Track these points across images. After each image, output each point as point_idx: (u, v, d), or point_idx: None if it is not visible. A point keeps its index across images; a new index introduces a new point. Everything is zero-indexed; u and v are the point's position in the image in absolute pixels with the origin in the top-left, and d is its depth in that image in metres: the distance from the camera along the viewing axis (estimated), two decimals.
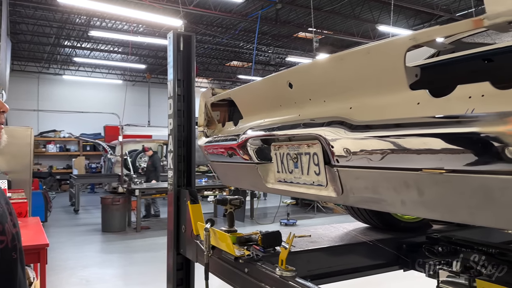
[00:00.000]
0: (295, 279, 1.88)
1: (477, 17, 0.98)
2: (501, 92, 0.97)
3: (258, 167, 1.93)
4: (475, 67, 1.23)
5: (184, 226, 3.00)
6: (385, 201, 1.28)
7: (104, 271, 6.65)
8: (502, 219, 1.00)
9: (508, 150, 0.90)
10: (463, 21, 1.01)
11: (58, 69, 19.61)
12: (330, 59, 1.47)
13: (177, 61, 3.14)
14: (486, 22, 0.96)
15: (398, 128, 1.15)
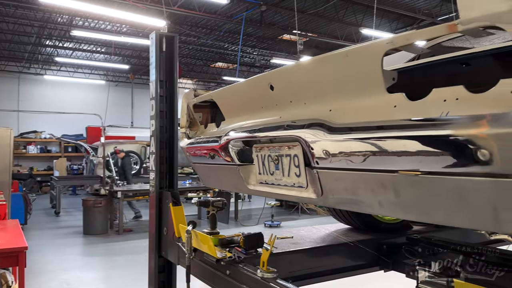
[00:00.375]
0: (276, 281, 1.89)
1: (452, 22, 1.00)
2: (475, 95, 0.99)
3: (240, 168, 1.93)
4: (451, 71, 1.25)
5: (166, 228, 2.98)
6: (363, 202, 1.30)
7: (85, 274, 6.55)
8: (475, 220, 1.02)
9: (481, 153, 0.92)
10: (438, 26, 1.03)
11: (40, 69, 19.27)
12: (310, 62, 1.48)
13: (159, 62, 3.12)
14: (460, 27, 0.98)
15: (375, 131, 1.17)
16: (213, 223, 2.61)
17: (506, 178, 0.91)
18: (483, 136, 0.90)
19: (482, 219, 1.00)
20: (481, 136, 0.90)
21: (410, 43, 1.10)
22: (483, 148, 0.91)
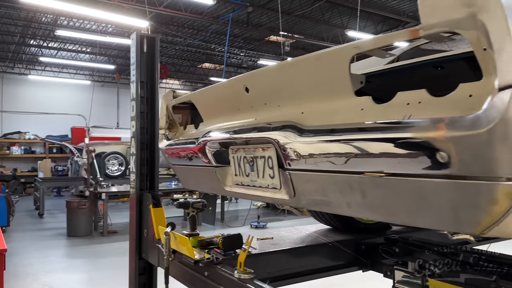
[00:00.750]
0: (253, 281, 1.90)
1: (413, 27, 1.02)
2: (436, 99, 1.02)
3: (217, 170, 1.94)
4: (414, 75, 1.28)
5: (147, 230, 2.97)
6: (333, 203, 1.32)
7: (68, 276, 6.48)
8: (437, 221, 1.04)
9: (439, 155, 0.94)
10: (401, 31, 1.06)
11: (24, 68, 18.99)
12: (283, 65, 1.50)
13: (140, 63, 3.11)
14: (422, 33, 1.01)
15: (342, 133, 1.19)
16: (193, 225, 2.61)
17: (464, 179, 0.94)
18: (441, 139, 0.92)
19: (443, 220, 1.02)
20: (439, 139, 0.92)
21: (375, 47, 1.12)
22: (442, 151, 0.93)
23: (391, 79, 1.38)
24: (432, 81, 1.19)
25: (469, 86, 0.96)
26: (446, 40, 1.02)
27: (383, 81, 1.58)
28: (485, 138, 0.86)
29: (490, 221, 0.94)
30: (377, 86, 1.60)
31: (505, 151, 0.86)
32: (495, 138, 0.85)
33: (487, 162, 0.88)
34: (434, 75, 1.19)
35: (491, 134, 0.84)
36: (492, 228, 0.95)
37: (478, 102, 0.89)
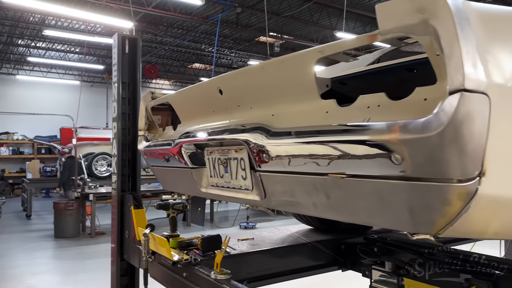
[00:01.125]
0: (229, 282, 1.91)
1: (372, 32, 1.05)
2: (394, 102, 1.05)
3: (193, 171, 1.95)
4: (376, 79, 1.31)
5: (128, 232, 2.97)
6: (300, 204, 1.34)
7: (54, 278, 6.44)
8: (395, 221, 1.07)
9: (394, 157, 0.96)
10: (361, 36, 1.08)
11: (12, 68, 18.79)
12: (253, 68, 1.52)
13: (122, 64, 3.11)
14: (379, 37, 1.03)
15: (307, 135, 1.21)
16: (173, 226, 2.62)
17: (418, 181, 0.96)
18: (395, 142, 0.94)
19: (401, 220, 1.05)
20: (393, 142, 0.95)
21: (338, 52, 1.15)
22: (396, 153, 0.95)
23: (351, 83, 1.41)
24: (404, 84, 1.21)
25: (424, 90, 0.99)
26: (403, 45, 1.04)
27: (358, 83, 1.60)
28: (435, 141, 0.88)
29: (444, 221, 0.97)
30: (352, 89, 1.63)
31: (455, 154, 0.88)
32: (444, 141, 0.87)
33: (438, 164, 0.91)
34: (407, 78, 1.21)
35: (440, 137, 0.87)
36: (447, 228, 0.98)
37: (432, 106, 0.92)
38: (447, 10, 0.87)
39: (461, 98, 0.84)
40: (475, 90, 0.85)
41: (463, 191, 0.91)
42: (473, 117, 0.86)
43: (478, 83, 0.85)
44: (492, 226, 1.02)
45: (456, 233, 1.02)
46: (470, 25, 0.88)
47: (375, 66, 1.27)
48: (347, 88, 1.68)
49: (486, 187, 0.91)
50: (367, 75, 1.40)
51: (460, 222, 0.96)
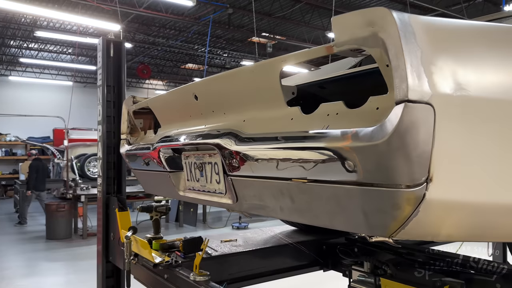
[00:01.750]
0: (208, 283, 1.95)
1: (329, 44, 1.09)
2: (351, 111, 1.09)
3: (171, 175, 1.99)
4: (337, 88, 1.35)
5: (113, 234, 3.00)
6: (269, 207, 1.38)
7: (45, 279, 6.44)
8: (352, 224, 1.11)
9: (347, 164, 1.01)
10: (319, 47, 1.13)
11: (4, 69, 18.71)
12: (226, 75, 1.56)
13: (106, 67, 3.14)
14: (335, 49, 1.07)
15: (272, 142, 1.25)
16: (156, 228, 2.65)
17: (370, 186, 1.00)
18: (347, 149, 0.99)
19: (357, 224, 1.09)
20: (346, 149, 0.99)
21: (299, 61, 1.19)
22: (349, 160, 1.00)
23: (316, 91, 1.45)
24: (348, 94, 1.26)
25: (377, 99, 1.03)
26: (359, 56, 1.08)
27: (335, 88, 1.64)
28: (383, 149, 0.92)
29: (396, 225, 1.01)
30: (329, 93, 1.67)
31: (402, 161, 0.92)
32: (391, 149, 0.92)
33: (387, 170, 0.95)
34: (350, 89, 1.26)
35: (387, 145, 0.91)
36: (399, 231, 1.02)
37: (383, 115, 0.96)
38: (393, 24, 0.91)
39: (405, 108, 0.89)
40: (419, 101, 0.89)
41: (411, 196, 0.95)
42: (418, 126, 0.90)
43: (422, 94, 0.90)
44: (444, 229, 1.06)
45: (410, 236, 1.06)
46: (416, 38, 0.93)
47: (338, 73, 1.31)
48: (326, 92, 1.73)
49: (433, 192, 0.96)
50: (330, 82, 1.44)
51: (411, 226, 1.00)
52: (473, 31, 1.06)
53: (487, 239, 1.23)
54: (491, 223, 1.11)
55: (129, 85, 21.32)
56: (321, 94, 1.69)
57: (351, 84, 1.39)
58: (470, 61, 0.99)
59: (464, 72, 0.97)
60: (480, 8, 11.54)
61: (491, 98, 0.99)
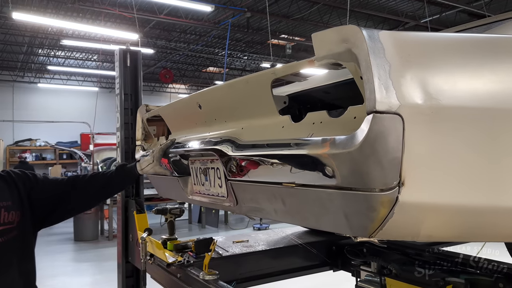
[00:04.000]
0: (217, 282, 2.05)
1: (310, 58, 1.17)
2: (333, 119, 1.17)
3: (179, 179, 2.10)
4: (322, 97, 1.43)
5: (132, 235, 3.14)
6: (265, 210, 1.47)
7: (73, 279, 6.71)
8: (336, 226, 1.19)
9: (327, 169, 1.09)
10: (303, 61, 1.21)
11: (33, 77, 19.43)
12: (225, 85, 1.66)
13: (124, 76, 3.29)
14: (316, 63, 1.16)
15: (265, 148, 1.34)
16: (171, 229, 2.77)
17: (348, 190, 1.08)
18: (326, 156, 1.07)
19: (340, 225, 1.17)
20: (324, 156, 1.07)
21: (287, 74, 1.28)
22: (328, 166, 1.08)
23: (304, 100, 1.53)
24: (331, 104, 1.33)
25: (355, 109, 1.11)
26: (340, 68, 1.16)
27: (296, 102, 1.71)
28: (355, 156, 1.00)
29: (374, 226, 1.08)
30: (332, 98, 1.75)
31: (373, 167, 1.00)
32: (362, 156, 0.99)
33: (361, 175, 1.03)
34: (333, 98, 1.33)
35: (359, 153, 0.99)
36: (378, 232, 1.09)
37: (359, 124, 1.04)
38: (363, 41, 0.99)
39: (373, 119, 0.96)
40: (386, 111, 0.97)
41: (385, 199, 1.02)
42: (386, 134, 0.97)
43: (389, 105, 0.97)
44: (423, 229, 1.13)
45: (390, 236, 1.14)
46: (385, 53, 1.00)
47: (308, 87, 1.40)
48: (330, 97, 1.81)
49: (406, 195, 1.03)
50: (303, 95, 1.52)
51: (389, 227, 1.08)
52: (444, 42, 1.12)
53: (470, 239, 1.28)
54: (470, 224, 1.17)
55: (153, 90, 21.77)
56: (324, 99, 1.77)
57: (340, 92, 1.46)
58: (440, 72, 1.06)
59: (434, 83, 1.04)
60: (503, 3, 11.26)
61: (461, 105, 1.06)
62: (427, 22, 11.87)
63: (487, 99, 1.09)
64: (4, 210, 1.74)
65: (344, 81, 1.30)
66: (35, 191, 1.90)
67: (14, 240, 1.77)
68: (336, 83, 1.39)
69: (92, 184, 2.02)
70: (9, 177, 1.88)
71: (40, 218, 1.96)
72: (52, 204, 1.96)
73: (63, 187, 1.99)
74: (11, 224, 1.76)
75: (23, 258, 1.83)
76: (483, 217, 1.11)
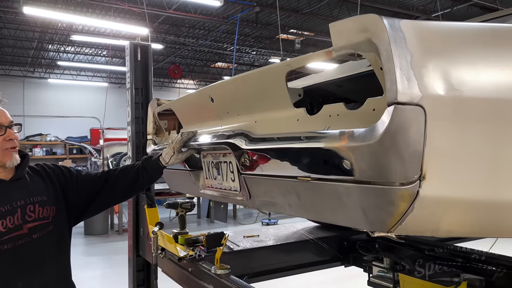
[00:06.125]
0: (228, 276, 2.04)
1: (328, 49, 1.15)
2: (350, 112, 1.14)
3: (191, 173, 2.09)
4: (340, 89, 1.40)
5: (143, 229, 3.15)
6: (278, 204, 1.45)
7: (83, 273, 6.75)
8: (353, 221, 1.17)
9: (345, 163, 1.06)
10: (320, 52, 1.18)
11: (43, 72, 19.57)
12: (238, 78, 1.64)
13: (134, 71, 3.28)
14: (334, 54, 1.13)
15: (279, 142, 1.32)
16: (182, 224, 2.77)
17: (367, 184, 1.06)
18: (344, 149, 1.04)
19: (357, 219, 1.14)
20: (342, 149, 1.05)
21: (302, 65, 1.25)
22: (346, 159, 1.05)
23: (320, 92, 1.50)
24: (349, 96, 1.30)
25: (374, 101, 1.08)
26: (358, 59, 1.13)
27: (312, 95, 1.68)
28: (375, 149, 0.97)
29: (393, 221, 1.06)
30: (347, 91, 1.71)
31: (394, 160, 0.97)
32: (383, 149, 0.97)
33: (381, 169, 1.00)
34: (350, 90, 1.30)
35: (379, 145, 0.96)
36: (397, 226, 1.07)
37: (378, 116, 1.01)
38: (384, 30, 0.96)
39: (395, 110, 0.93)
40: (408, 103, 0.94)
41: (405, 193, 1.00)
42: (408, 126, 0.95)
43: (411, 96, 0.94)
44: (443, 224, 1.10)
45: (409, 231, 1.11)
46: (407, 43, 0.97)
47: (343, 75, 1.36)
48: (342, 90, 1.78)
49: (427, 189, 1.00)
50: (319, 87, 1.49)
51: (408, 221, 1.05)
52: (466, 32, 1.09)
53: (491, 235, 1.25)
54: (492, 220, 1.14)
55: (162, 85, 21.81)
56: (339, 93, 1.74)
57: (356, 85, 1.43)
58: (462, 62, 1.03)
59: (456, 73, 1.01)
60: None
61: (484, 97, 1.02)
62: (439, 16, 11.72)
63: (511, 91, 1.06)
64: (38, 205, 1.76)
65: (358, 74, 1.27)
66: (70, 186, 1.91)
67: (50, 235, 1.78)
68: (350, 76, 1.36)
69: (123, 177, 2.02)
70: (44, 171, 1.89)
71: (76, 212, 1.96)
72: (87, 198, 1.97)
73: (97, 180, 2.00)
74: (46, 219, 1.77)
75: (59, 253, 1.85)
76: (506, 212, 1.07)
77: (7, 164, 1.73)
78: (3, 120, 1.77)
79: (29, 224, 1.72)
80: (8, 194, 1.73)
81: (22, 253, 1.70)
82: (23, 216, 1.71)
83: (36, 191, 1.79)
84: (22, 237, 1.70)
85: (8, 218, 1.67)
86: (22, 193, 1.76)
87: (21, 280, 1.72)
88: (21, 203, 1.72)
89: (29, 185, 1.80)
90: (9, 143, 1.74)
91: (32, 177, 1.85)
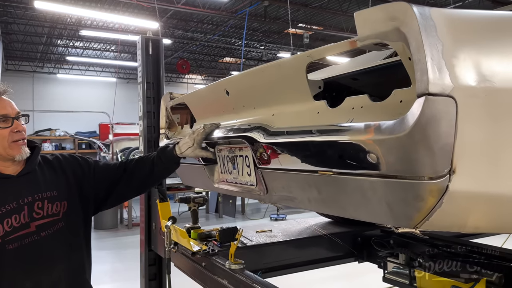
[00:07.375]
0: (243, 272, 2.02)
1: (352, 38, 1.11)
2: (375, 104, 1.11)
3: (206, 168, 2.07)
4: (362, 81, 1.36)
5: (155, 224, 3.14)
6: (297, 199, 1.42)
7: (93, 267, 6.77)
8: (377, 216, 1.14)
9: (370, 156, 1.03)
10: (343, 42, 1.15)
11: (52, 67, 19.68)
12: (255, 70, 1.61)
13: (146, 65, 3.27)
14: (359, 43, 1.09)
15: (299, 135, 1.29)
16: (194, 218, 2.76)
17: (394, 178, 1.02)
18: (370, 142, 1.01)
19: (383, 215, 1.11)
20: (368, 142, 1.01)
21: (324, 56, 1.22)
22: (371, 153, 1.02)
23: (341, 84, 1.47)
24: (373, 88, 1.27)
25: (401, 92, 1.05)
26: (384, 49, 1.10)
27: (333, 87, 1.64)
28: (405, 142, 0.94)
29: (420, 216, 1.03)
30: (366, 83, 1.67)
31: (424, 153, 0.94)
32: (412, 142, 0.93)
33: (409, 163, 0.97)
34: (374, 82, 1.27)
35: (408, 138, 0.93)
36: (424, 222, 1.04)
37: (406, 108, 0.98)
38: (414, 18, 0.93)
39: (426, 102, 0.90)
40: (440, 94, 0.90)
41: (434, 187, 0.96)
42: (439, 119, 0.91)
43: (443, 87, 0.91)
44: (471, 220, 1.07)
45: (435, 227, 1.08)
46: (437, 32, 0.93)
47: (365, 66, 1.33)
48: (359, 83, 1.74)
49: (457, 184, 0.96)
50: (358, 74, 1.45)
51: (436, 217, 1.02)
52: (497, 21, 1.05)
53: None
54: None
55: (170, 80, 21.83)
56: (354, 86, 1.70)
57: (378, 77, 1.40)
58: (494, 52, 0.99)
59: (488, 64, 0.97)
60: None
61: None
62: None
63: None
64: (48, 201, 1.68)
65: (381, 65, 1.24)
66: (87, 178, 1.84)
67: (60, 232, 1.70)
68: (371, 68, 1.32)
69: (140, 167, 1.94)
70: (57, 162, 1.81)
71: (94, 203, 1.90)
72: (106, 188, 1.91)
73: (116, 170, 1.93)
74: (56, 215, 1.70)
75: (70, 251, 1.76)
76: None
77: (16, 158, 1.66)
78: (9, 111, 1.67)
79: (37, 221, 1.65)
80: (15, 191, 1.66)
81: (30, 252, 1.63)
82: (30, 213, 1.64)
83: (45, 186, 1.71)
84: (29, 235, 1.63)
85: (14, 216, 1.60)
86: (30, 189, 1.68)
87: (29, 280, 1.65)
88: (28, 199, 1.65)
89: (38, 179, 1.72)
90: (17, 135, 1.65)
91: (43, 169, 1.77)
